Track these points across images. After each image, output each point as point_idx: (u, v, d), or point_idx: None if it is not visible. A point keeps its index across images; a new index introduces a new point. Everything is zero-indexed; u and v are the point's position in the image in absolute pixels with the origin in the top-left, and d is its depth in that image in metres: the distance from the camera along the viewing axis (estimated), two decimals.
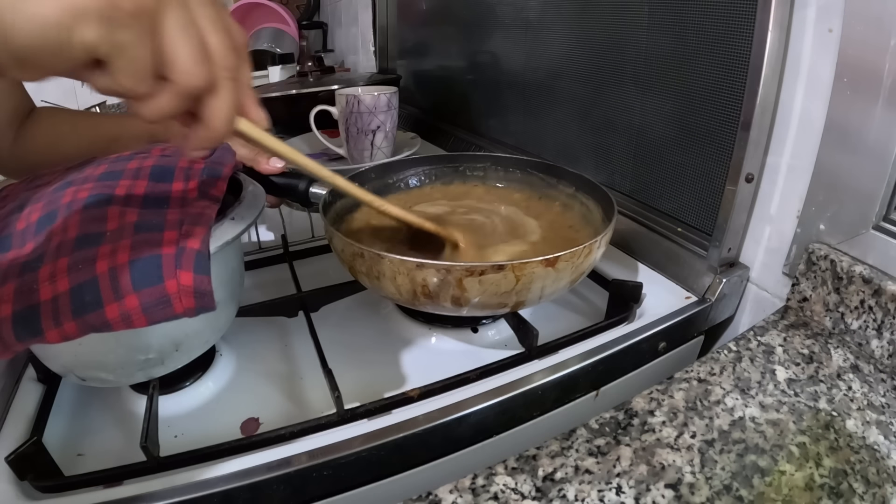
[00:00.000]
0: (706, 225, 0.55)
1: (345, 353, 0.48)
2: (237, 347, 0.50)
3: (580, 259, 0.42)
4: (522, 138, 0.84)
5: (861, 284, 0.43)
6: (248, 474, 0.35)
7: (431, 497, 0.32)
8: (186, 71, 0.24)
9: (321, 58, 1.26)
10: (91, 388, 0.45)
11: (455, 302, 0.41)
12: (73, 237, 0.34)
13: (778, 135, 0.48)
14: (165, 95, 0.25)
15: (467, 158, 0.64)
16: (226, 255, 0.41)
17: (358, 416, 0.40)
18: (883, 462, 0.34)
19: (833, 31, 0.42)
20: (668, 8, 0.54)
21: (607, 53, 0.63)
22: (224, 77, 0.26)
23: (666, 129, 0.58)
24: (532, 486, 0.33)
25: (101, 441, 0.41)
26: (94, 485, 0.36)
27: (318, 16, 1.67)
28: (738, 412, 0.38)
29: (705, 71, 0.51)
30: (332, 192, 0.50)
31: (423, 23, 1.10)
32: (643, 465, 0.34)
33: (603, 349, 0.46)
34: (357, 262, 0.43)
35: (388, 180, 0.61)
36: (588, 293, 0.56)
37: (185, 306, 0.33)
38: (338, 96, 0.80)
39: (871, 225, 0.43)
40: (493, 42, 0.86)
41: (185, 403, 0.44)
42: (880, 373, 0.41)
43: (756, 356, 0.43)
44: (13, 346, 0.31)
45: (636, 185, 0.64)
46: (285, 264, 0.59)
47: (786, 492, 0.32)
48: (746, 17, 0.46)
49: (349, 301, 0.54)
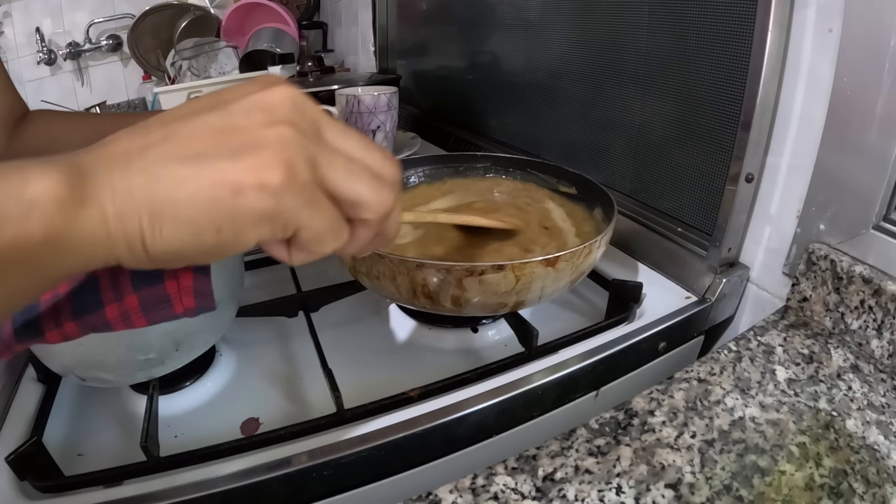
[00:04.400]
0: (706, 225, 0.55)
1: (345, 353, 0.48)
2: (237, 347, 0.50)
3: (580, 259, 0.42)
4: (522, 138, 0.84)
5: (861, 284, 0.43)
6: (248, 474, 0.35)
7: (431, 497, 0.32)
8: (376, 202, 0.24)
9: (321, 58, 1.27)
10: (91, 388, 0.45)
11: (455, 302, 0.41)
12: None
13: (778, 135, 0.48)
14: (362, 232, 0.25)
15: (467, 158, 0.64)
16: None
17: (358, 416, 0.40)
18: (883, 462, 0.34)
19: (833, 31, 0.42)
20: (668, 8, 0.54)
21: (607, 53, 0.63)
22: (398, 190, 0.26)
23: (666, 129, 0.58)
24: (532, 486, 0.33)
25: (101, 441, 0.41)
26: (94, 485, 0.36)
27: (318, 16, 1.67)
28: (738, 412, 0.37)
29: (705, 71, 0.51)
30: None
31: (423, 23, 1.10)
32: (643, 465, 0.34)
33: (603, 349, 0.46)
34: (357, 262, 0.43)
35: None
36: (588, 293, 0.56)
37: (185, 306, 0.33)
38: (338, 96, 0.80)
39: (871, 225, 0.43)
40: (493, 42, 0.86)
41: (185, 403, 0.44)
42: (880, 373, 0.41)
43: (756, 356, 0.43)
44: (13, 346, 0.31)
45: (636, 185, 0.64)
46: (285, 264, 0.59)
47: (786, 492, 0.32)
48: (746, 18, 0.46)
49: (349, 301, 0.54)
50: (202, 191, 0.20)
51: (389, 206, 0.25)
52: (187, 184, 0.20)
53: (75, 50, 1.50)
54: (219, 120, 0.22)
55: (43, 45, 1.46)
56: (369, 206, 0.24)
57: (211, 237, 0.21)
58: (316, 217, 0.22)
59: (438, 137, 1.01)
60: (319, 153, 0.23)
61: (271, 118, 0.22)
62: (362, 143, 0.25)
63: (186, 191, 0.20)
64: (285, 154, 0.21)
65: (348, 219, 0.24)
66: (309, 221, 0.22)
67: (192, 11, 1.49)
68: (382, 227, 0.26)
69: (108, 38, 1.54)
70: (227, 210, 0.21)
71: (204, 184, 0.20)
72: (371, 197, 0.24)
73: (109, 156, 0.21)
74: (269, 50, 1.38)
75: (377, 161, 0.25)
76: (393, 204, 0.25)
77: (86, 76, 1.57)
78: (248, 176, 0.20)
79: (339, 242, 0.24)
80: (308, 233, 0.23)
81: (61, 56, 1.50)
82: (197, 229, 0.21)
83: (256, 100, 0.22)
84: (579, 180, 0.56)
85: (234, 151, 0.21)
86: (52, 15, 1.47)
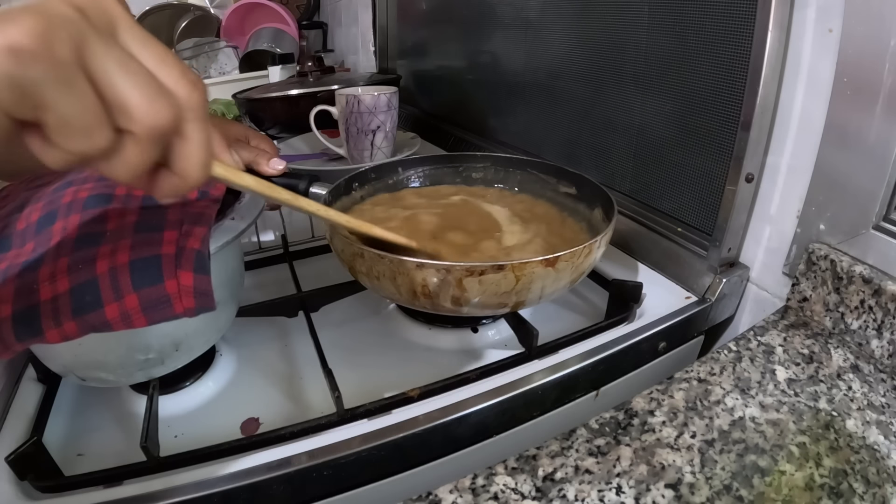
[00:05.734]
0: (706, 225, 0.55)
1: (345, 353, 0.48)
2: (237, 347, 0.50)
3: (580, 259, 0.42)
4: (522, 138, 0.84)
5: (861, 284, 0.43)
6: (248, 474, 0.35)
7: (431, 497, 0.32)
8: (144, 110, 0.21)
9: (321, 58, 1.26)
10: (91, 388, 0.45)
11: (455, 302, 0.41)
12: (73, 237, 0.34)
13: (778, 135, 0.48)
14: (129, 147, 0.21)
15: (467, 158, 0.64)
16: (226, 255, 0.41)
17: (358, 416, 0.40)
18: (883, 462, 0.34)
19: (833, 31, 0.42)
20: (668, 8, 0.54)
21: (607, 53, 0.63)
22: (191, 116, 0.23)
23: (666, 129, 0.58)
24: (532, 486, 0.33)
25: (101, 441, 0.41)
26: (94, 485, 0.36)
27: (318, 16, 1.67)
28: (738, 412, 0.37)
29: (705, 71, 0.51)
30: (332, 192, 0.50)
31: (423, 23, 1.10)
32: (643, 465, 0.34)
33: (603, 349, 0.46)
34: (357, 262, 0.43)
35: (387, 180, 0.61)
36: (588, 293, 0.56)
37: (185, 306, 0.33)
38: (338, 96, 0.80)
39: (871, 225, 0.43)
40: (493, 42, 0.86)
41: (185, 403, 0.44)
42: (880, 373, 0.41)
43: (756, 356, 0.43)
44: (13, 346, 0.31)
45: (636, 185, 0.64)
46: (285, 264, 0.59)
47: (786, 492, 0.32)
48: (746, 18, 0.46)
49: (349, 301, 0.54)
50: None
51: (164, 120, 0.21)
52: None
53: None
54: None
55: None
56: (135, 112, 0.20)
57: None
58: (63, 98, 0.19)
59: (438, 137, 1.01)
60: (95, 41, 0.20)
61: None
62: (162, 56, 0.22)
63: None
64: (48, 25, 0.19)
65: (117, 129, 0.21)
66: (55, 101, 0.19)
67: (192, 11, 1.49)
68: (173, 159, 0.23)
69: None
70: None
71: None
72: (139, 101, 0.20)
73: None
74: (269, 50, 1.38)
75: (171, 76, 0.22)
76: (172, 122, 0.22)
77: None
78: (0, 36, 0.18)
79: (93, 143, 0.20)
80: (54, 117, 0.19)
81: None
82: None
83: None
84: (579, 180, 0.56)
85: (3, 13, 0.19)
86: None
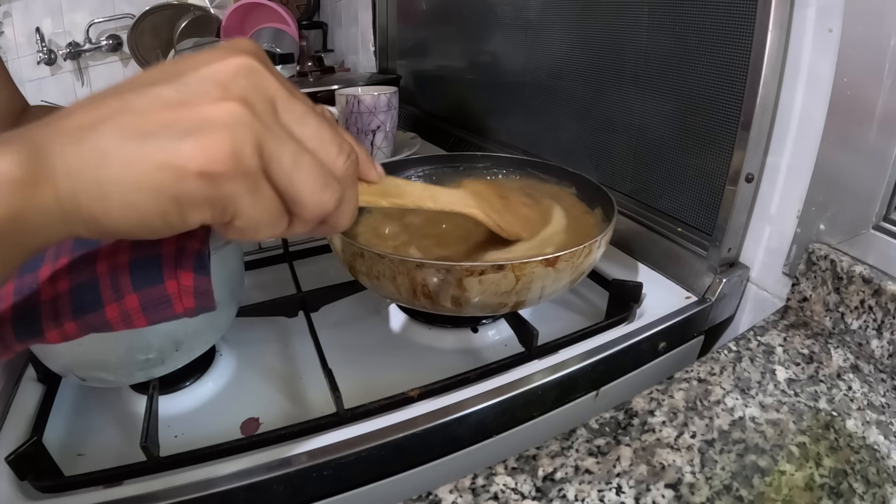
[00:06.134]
0: (706, 225, 0.55)
1: (345, 353, 0.48)
2: (237, 347, 0.50)
3: (580, 259, 0.42)
4: (522, 138, 0.84)
5: (861, 284, 0.43)
6: (248, 474, 0.35)
7: (431, 497, 0.32)
8: (315, 203, 0.24)
9: (321, 58, 1.26)
10: (91, 388, 0.45)
11: (455, 302, 0.41)
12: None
13: (778, 135, 0.48)
14: (297, 227, 0.25)
15: (467, 158, 0.64)
16: (226, 255, 0.41)
17: (358, 416, 0.40)
18: (883, 462, 0.34)
19: (833, 31, 0.42)
20: (668, 8, 0.54)
21: (607, 53, 0.63)
22: (347, 184, 0.25)
23: (666, 129, 0.58)
24: (532, 486, 0.33)
25: (101, 441, 0.41)
26: (94, 485, 0.36)
27: (318, 16, 1.67)
28: (738, 412, 0.37)
29: (705, 71, 0.51)
30: None
31: (423, 23, 1.10)
32: (643, 465, 0.34)
33: (603, 349, 0.46)
34: (357, 262, 0.43)
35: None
36: (588, 293, 0.56)
37: (185, 306, 0.33)
38: (338, 96, 0.80)
39: (871, 225, 0.43)
40: (493, 42, 0.86)
41: (185, 403, 0.44)
42: (880, 373, 0.41)
43: (756, 356, 0.43)
44: (13, 346, 0.31)
45: (636, 185, 0.64)
46: (285, 264, 0.59)
47: (786, 492, 0.32)
48: (746, 17, 0.46)
49: (349, 301, 0.54)
50: (147, 174, 0.20)
51: (328, 208, 0.24)
52: (135, 165, 0.20)
53: (75, 50, 1.50)
54: (172, 93, 0.21)
55: (43, 45, 1.46)
56: (306, 206, 0.24)
57: (157, 221, 0.21)
58: (254, 206, 0.22)
59: (438, 137, 1.01)
60: (269, 139, 0.22)
61: (225, 93, 0.21)
62: (319, 130, 0.24)
63: (133, 173, 0.20)
64: (232, 138, 0.21)
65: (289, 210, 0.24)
66: (247, 210, 0.22)
67: (192, 11, 1.49)
68: (329, 220, 0.26)
69: (108, 38, 1.53)
70: (171, 195, 0.20)
71: (149, 166, 0.20)
72: (309, 198, 0.23)
73: (65, 130, 0.20)
74: (269, 50, 1.38)
75: (331, 155, 0.24)
76: (333, 206, 0.25)
77: (86, 76, 1.57)
78: (192, 162, 0.20)
79: (275, 232, 0.24)
80: (244, 221, 0.22)
81: (61, 56, 1.50)
82: (143, 213, 0.21)
83: (212, 71, 0.22)
84: (579, 180, 0.56)
85: (183, 131, 0.20)
86: (52, 15, 1.47)
